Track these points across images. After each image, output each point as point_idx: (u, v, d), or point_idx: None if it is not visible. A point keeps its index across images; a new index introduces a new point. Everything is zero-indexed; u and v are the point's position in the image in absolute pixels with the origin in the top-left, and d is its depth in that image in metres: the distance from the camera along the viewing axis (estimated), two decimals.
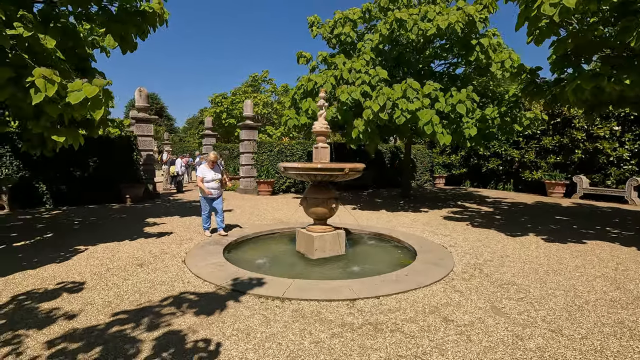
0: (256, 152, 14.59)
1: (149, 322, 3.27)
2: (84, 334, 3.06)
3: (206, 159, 6.82)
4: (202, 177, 6.54)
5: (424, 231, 7.41)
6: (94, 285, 4.19)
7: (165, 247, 5.91)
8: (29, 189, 10.33)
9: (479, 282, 4.46)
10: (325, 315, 3.47)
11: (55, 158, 10.16)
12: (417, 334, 3.13)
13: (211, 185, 6.56)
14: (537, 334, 3.13)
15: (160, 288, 4.13)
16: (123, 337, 3.02)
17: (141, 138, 12.30)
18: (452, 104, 8.62)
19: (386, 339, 3.04)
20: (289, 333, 3.11)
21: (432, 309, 3.64)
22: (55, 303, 3.68)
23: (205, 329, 3.15)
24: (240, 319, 3.37)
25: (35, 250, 5.71)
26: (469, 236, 6.98)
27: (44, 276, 4.48)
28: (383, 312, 3.55)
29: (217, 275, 4.49)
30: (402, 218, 8.92)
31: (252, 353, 2.80)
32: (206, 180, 6.59)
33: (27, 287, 4.10)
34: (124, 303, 3.70)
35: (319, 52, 11.04)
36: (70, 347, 2.85)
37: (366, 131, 8.87)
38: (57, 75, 4.73)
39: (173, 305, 3.66)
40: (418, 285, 4.23)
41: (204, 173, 6.56)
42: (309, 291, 3.99)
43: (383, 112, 8.35)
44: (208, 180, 6.62)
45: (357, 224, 7.98)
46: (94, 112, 5.00)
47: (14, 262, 5.04)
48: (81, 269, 4.75)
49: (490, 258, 5.55)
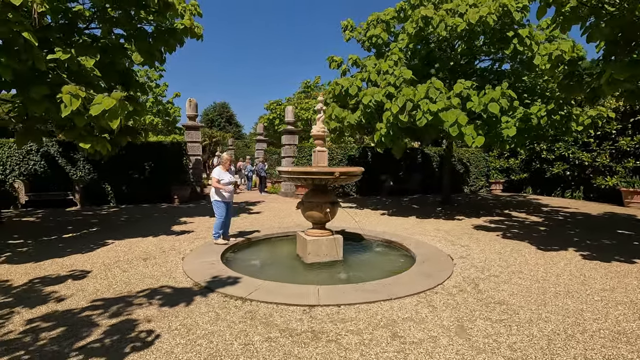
0: (296, 156, 14.96)
1: (115, 310, 3.62)
2: (60, 316, 3.51)
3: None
4: (219, 179, 6.35)
5: (441, 240, 6.90)
6: (96, 275, 4.74)
7: (177, 244, 6.41)
8: (98, 189, 11.96)
9: (463, 298, 4.04)
10: (274, 319, 3.48)
11: (118, 162, 11.63)
12: (352, 346, 2.97)
13: (227, 189, 6.45)
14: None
15: (146, 281, 4.52)
16: (87, 321, 3.39)
17: (190, 144, 13.46)
18: (484, 103, 7.93)
19: (317, 348, 2.95)
20: (227, 333, 3.19)
21: (388, 322, 3.41)
22: (57, 287, 4.26)
23: (158, 321, 3.38)
24: (193, 314, 3.54)
25: (75, 241, 6.62)
26: (489, 248, 6.33)
27: (64, 264, 5.19)
28: (334, 320, 3.44)
29: (202, 273, 4.75)
30: (427, 226, 8.40)
31: (180, 348, 2.93)
32: (223, 182, 6.60)
33: (45, 273, 4.81)
34: (108, 292, 4.14)
35: (349, 56, 10.99)
36: (41, 326, 3.29)
37: (388, 134, 8.58)
38: (82, 91, 5.46)
39: (146, 297, 3.99)
40: (390, 296, 3.99)
41: (221, 175, 6.38)
42: (274, 294, 4.02)
43: (403, 113, 7.99)
44: (225, 183, 6.59)
45: (373, 230, 7.74)
46: (111, 122, 5.63)
47: (53, 251, 5.92)
48: (95, 260, 5.40)
49: (497, 273, 4.98)
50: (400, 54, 9.51)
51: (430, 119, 7.76)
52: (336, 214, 5.98)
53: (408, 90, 7.98)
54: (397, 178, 15.75)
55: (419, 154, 16.52)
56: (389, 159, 15.20)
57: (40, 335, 3.11)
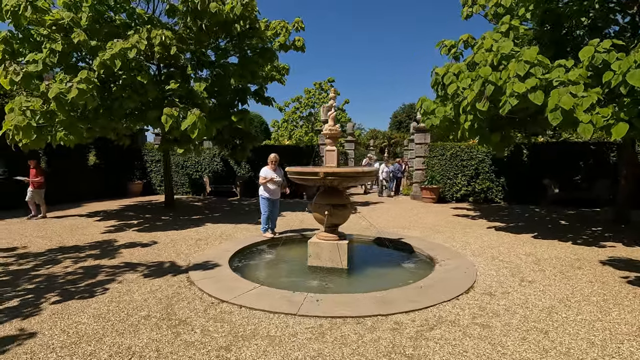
0: (427, 156, 13.73)
1: (125, 267, 4.97)
2: (95, 267, 5.16)
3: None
4: (266, 177, 6.82)
5: (515, 257, 5.09)
6: (157, 246, 6.43)
7: (237, 233, 7.56)
8: (252, 184, 15.05)
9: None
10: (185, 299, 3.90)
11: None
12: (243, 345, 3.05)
13: (272, 186, 6.87)
14: None
15: (163, 255, 5.80)
16: (108, 267, 4.87)
17: (322, 146, 14.77)
18: (622, 73, 5.19)
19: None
20: (153, 301, 3.88)
21: (271, 339, 3.19)
22: (125, 250, 6.13)
23: (117, 277, 4.47)
24: (143, 283, 4.43)
25: (193, 222, 8.89)
26: (585, 292, 4.22)
27: (157, 236, 7.23)
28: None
29: (198, 257, 5.62)
30: (529, 248, 6.22)
31: (109, 306, 3.85)
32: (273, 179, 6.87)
33: (139, 240, 6.91)
34: (133, 257, 5.63)
35: (460, 36, 9.31)
36: (92, 264, 4.99)
37: (472, 127, 6.88)
38: (175, 111, 7.43)
39: (144, 266, 5.20)
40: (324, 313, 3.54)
41: (268, 174, 6.84)
42: (222, 282, 4.40)
43: (481, 101, 6.27)
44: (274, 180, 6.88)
45: (440, 244, 6.52)
46: (192, 134, 7.34)
47: (172, 226, 8.27)
48: (175, 237, 7.19)
49: (535, 317, 3.43)
50: (514, 22, 7.36)
51: (515, 104, 5.78)
52: (345, 217, 5.56)
53: (485, 69, 6.20)
54: (570, 183, 11.80)
55: (610, 148, 11.72)
56: (559, 158, 11.76)
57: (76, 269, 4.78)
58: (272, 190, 6.93)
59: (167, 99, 8.22)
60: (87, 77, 6.58)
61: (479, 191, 12.88)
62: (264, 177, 6.89)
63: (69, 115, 7.07)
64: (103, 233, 7.57)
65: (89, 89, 6.57)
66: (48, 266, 5.21)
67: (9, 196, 10.56)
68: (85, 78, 6.54)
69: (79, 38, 6.74)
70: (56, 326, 3.33)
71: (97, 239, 7.02)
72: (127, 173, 15.46)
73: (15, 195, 10.46)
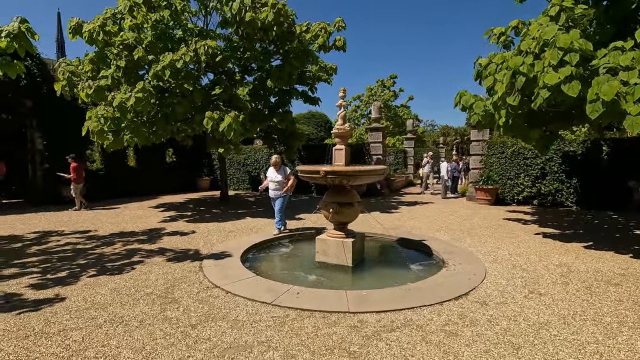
0: (484, 154, 12.67)
1: (157, 251, 5.77)
2: (135, 250, 6.05)
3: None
4: (267, 176, 7.35)
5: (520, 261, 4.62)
6: (193, 235, 7.22)
7: (268, 227, 8.02)
8: (301, 182, 15.60)
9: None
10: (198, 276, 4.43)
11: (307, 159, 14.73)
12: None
13: (270, 186, 7.21)
14: None
15: (193, 243, 6.49)
16: (145, 250, 5.71)
17: (373, 144, 14.64)
18: None
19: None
20: (161, 282, 4.51)
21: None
22: (166, 237, 7.02)
23: (147, 259, 5.20)
24: (162, 266, 5.08)
25: (236, 215, 9.68)
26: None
27: (198, 227, 8.09)
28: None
29: (221, 247, 6.16)
30: (568, 258, 5.48)
31: (127, 282, 4.58)
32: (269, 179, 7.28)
33: (182, 229, 7.81)
34: (169, 244, 6.41)
35: (509, 23, 8.47)
36: (134, 247, 5.91)
37: (507, 123, 6.28)
38: (216, 114, 8.20)
39: (172, 252, 5.92)
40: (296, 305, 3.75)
41: (269, 174, 7.31)
42: (225, 270, 4.86)
43: (511, 94, 5.71)
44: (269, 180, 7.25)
45: (462, 248, 6.15)
46: (229, 135, 8.04)
47: (217, 218, 9.14)
48: (212, 228, 7.95)
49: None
50: (566, 2, 6.49)
51: (547, 97, 5.17)
52: (351, 215, 5.58)
53: (516, 59, 5.62)
54: None
55: None
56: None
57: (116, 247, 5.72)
58: (272, 189, 7.22)
59: (213, 103, 9.07)
60: (144, 87, 7.67)
61: (545, 193, 11.48)
62: (264, 177, 7.58)
63: (132, 120, 8.31)
64: (159, 222, 8.73)
65: (144, 97, 7.65)
66: (103, 247, 6.28)
67: (101, 188, 12.79)
68: (142, 88, 7.64)
69: (138, 54, 7.88)
70: (81, 295, 4.09)
71: (151, 226, 8.15)
72: (197, 170, 17.31)
73: (105, 187, 12.77)
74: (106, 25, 7.98)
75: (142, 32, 8.56)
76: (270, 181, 7.28)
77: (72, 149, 11.24)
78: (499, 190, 12.01)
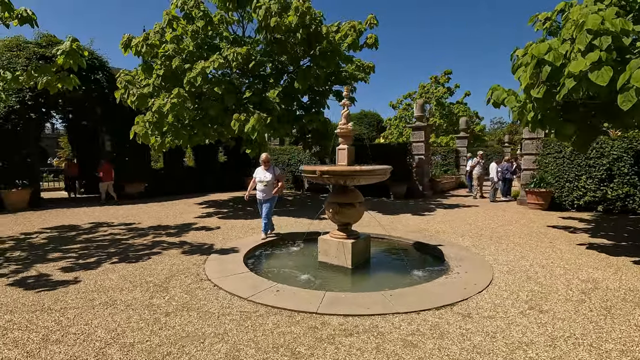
0: (538, 153, 11.39)
1: (177, 244, 6.27)
2: (160, 242, 6.63)
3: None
4: (254, 176, 6.70)
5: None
6: (217, 231, 7.67)
7: (289, 225, 8.20)
8: None
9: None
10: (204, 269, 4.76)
11: None
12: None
13: (258, 187, 6.60)
14: None
15: (212, 238, 6.88)
16: (167, 242, 6.26)
17: (415, 144, 14.04)
18: None
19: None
20: (164, 272, 4.93)
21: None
22: (193, 232, 7.55)
23: (165, 251, 5.67)
24: (174, 257, 5.50)
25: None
26: None
27: (226, 223, 8.56)
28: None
29: (233, 243, 6.45)
30: (603, 274, 4.73)
31: (137, 270, 5.07)
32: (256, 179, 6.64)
33: (210, 225, 8.34)
34: (192, 238, 6.89)
35: (555, 7, 7.54)
36: (161, 239, 6.52)
37: (535, 118, 5.64)
38: (243, 116, 8.64)
39: (189, 245, 6.35)
40: (268, 303, 3.92)
41: (255, 174, 6.69)
42: (224, 265, 5.12)
43: (535, 87, 5.11)
44: (257, 180, 6.61)
45: (477, 257, 5.68)
46: (253, 136, 8.41)
47: (246, 216, 9.59)
48: (237, 225, 8.35)
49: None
50: None
51: (572, 86, 4.55)
52: (353, 216, 5.49)
53: (540, 47, 5.01)
54: None
55: None
56: None
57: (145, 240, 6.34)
58: (259, 190, 6.64)
59: (244, 106, 9.53)
60: (178, 92, 8.36)
61: (613, 198, 9.97)
62: (252, 177, 6.78)
63: (172, 124, 9.10)
64: (195, 217, 9.43)
65: (179, 102, 8.34)
66: (136, 238, 6.99)
67: (161, 185, 14.20)
68: (177, 94, 8.34)
69: (175, 64, 8.61)
70: (94, 279, 4.64)
71: (185, 221, 8.84)
72: (245, 169, 18.26)
73: (165, 184, 14.17)
74: (148, 39, 8.84)
75: (182, 43, 9.32)
76: (259, 181, 6.62)
77: (134, 151, 12.71)
78: (554, 193, 10.73)
